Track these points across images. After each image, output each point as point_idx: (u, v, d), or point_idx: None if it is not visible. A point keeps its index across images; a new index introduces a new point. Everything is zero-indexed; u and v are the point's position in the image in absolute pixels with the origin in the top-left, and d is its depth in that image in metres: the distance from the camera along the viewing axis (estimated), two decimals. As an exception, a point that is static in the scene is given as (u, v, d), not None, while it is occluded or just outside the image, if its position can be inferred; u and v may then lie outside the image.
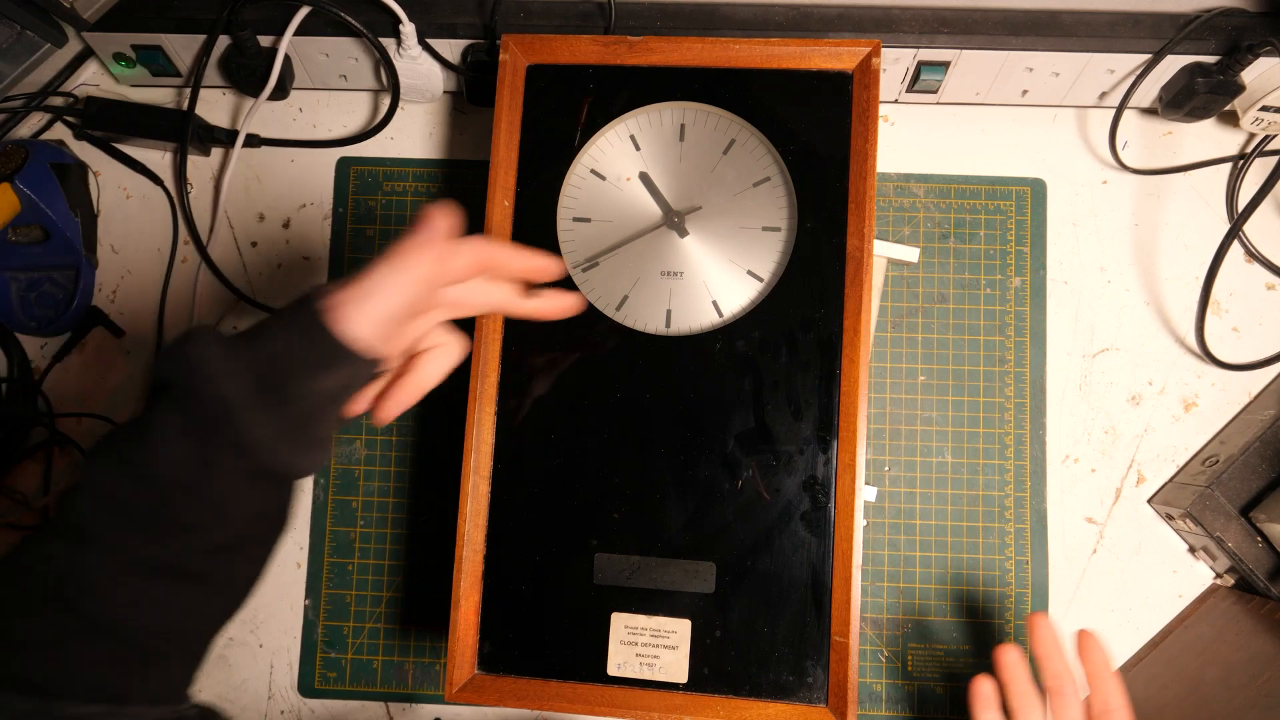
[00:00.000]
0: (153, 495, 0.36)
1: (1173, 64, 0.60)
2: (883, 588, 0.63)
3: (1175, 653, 0.60)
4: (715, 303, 0.56)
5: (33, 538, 0.38)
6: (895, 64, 0.62)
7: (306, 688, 0.64)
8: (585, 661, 0.52)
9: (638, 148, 0.57)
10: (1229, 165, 0.65)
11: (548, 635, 0.53)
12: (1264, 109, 0.60)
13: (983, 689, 0.50)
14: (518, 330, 0.55)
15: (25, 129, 0.69)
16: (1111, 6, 0.60)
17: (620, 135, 0.57)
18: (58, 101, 0.69)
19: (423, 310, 0.41)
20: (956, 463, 0.63)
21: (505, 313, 0.46)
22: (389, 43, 0.61)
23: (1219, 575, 0.63)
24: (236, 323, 0.67)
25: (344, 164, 0.68)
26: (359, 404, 0.43)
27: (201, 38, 0.62)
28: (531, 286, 0.45)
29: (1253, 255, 0.64)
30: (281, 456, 0.38)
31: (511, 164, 0.56)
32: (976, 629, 0.62)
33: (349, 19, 0.59)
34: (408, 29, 0.60)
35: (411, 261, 0.39)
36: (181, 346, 0.37)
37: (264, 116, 0.68)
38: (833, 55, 0.55)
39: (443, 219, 0.40)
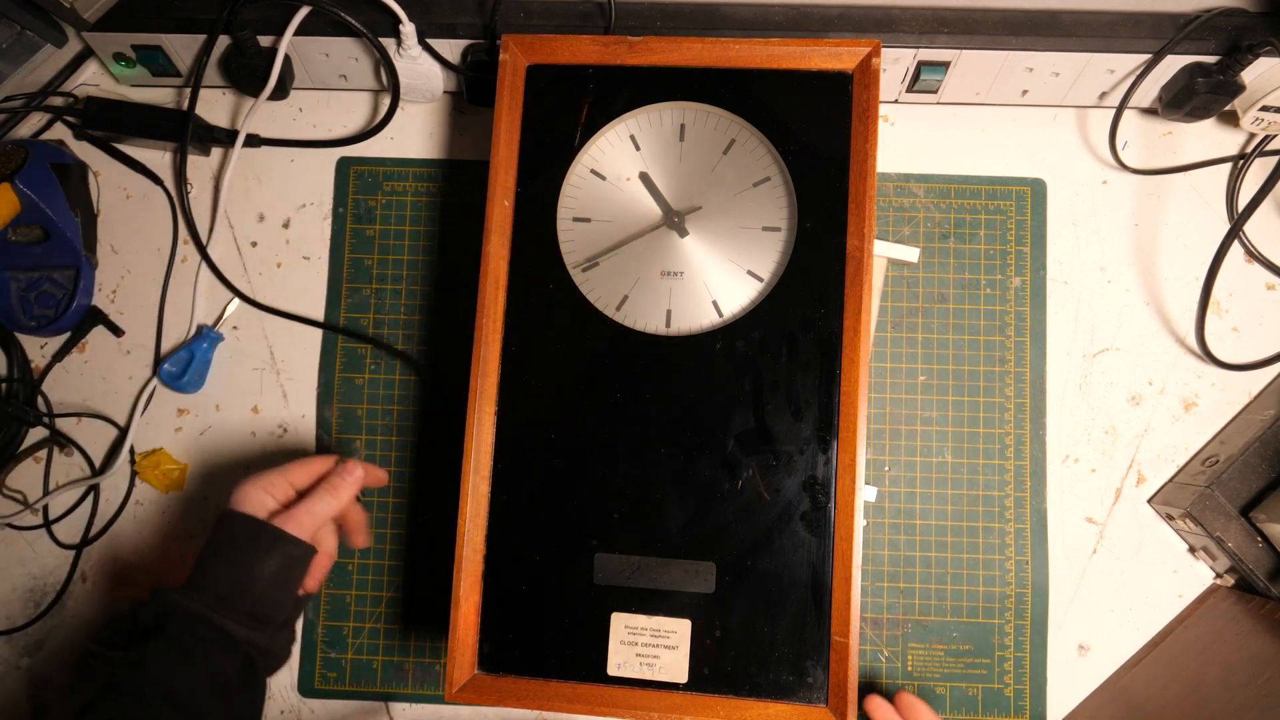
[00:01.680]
0: (147, 714, 0.44)
1: (1173, 64, 0.60)
2: (883, 588, 0.63)
3: (1175, 653, 0.60)
4: (715, 303, 0.56)
5: None
6: (895, 64, 0.62)
7: (306, 688, 0.64)
8: (585, 661, 0.52)
9: (638, 148, 0.57)
10: (1229, 165, 0.65)
11: (548, 635, 0.53)
12: (1264, 109, 0.60)
13: None
14: (518, 330, 0.55)
15: (25, 129, 0.69)
16: (1111, 6, 0.60)
17: (620, 135, 0.57)
18: (58, 101, 0.69)
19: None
20: (956, 463, 0.63)
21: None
22: (389, 43, 0.61)
23: (1219, 575, 0.63)
24: (236, 323, 0.67)
25: (344, 164, 0.68)
26: (310, 583, 0.54)
27: (201, 38, 0.62)
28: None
29: (1253, 255, 0.65)
30: (257, 640, 0.48)
31: (511, 164, 0.56)
32: (976, 629, 0.62)
33: (349, 19, 0.59)
34: (408, 29, 0.60)
35: (341, 493, 0.53)
36: (153, 600, 0.48)
37: (264, 116, 0.68)
38: (833, 55, 0.55)
39: (357, 475, 0.54)
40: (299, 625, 0.62)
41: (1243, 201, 0.64)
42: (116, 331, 0.67)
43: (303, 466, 0.54)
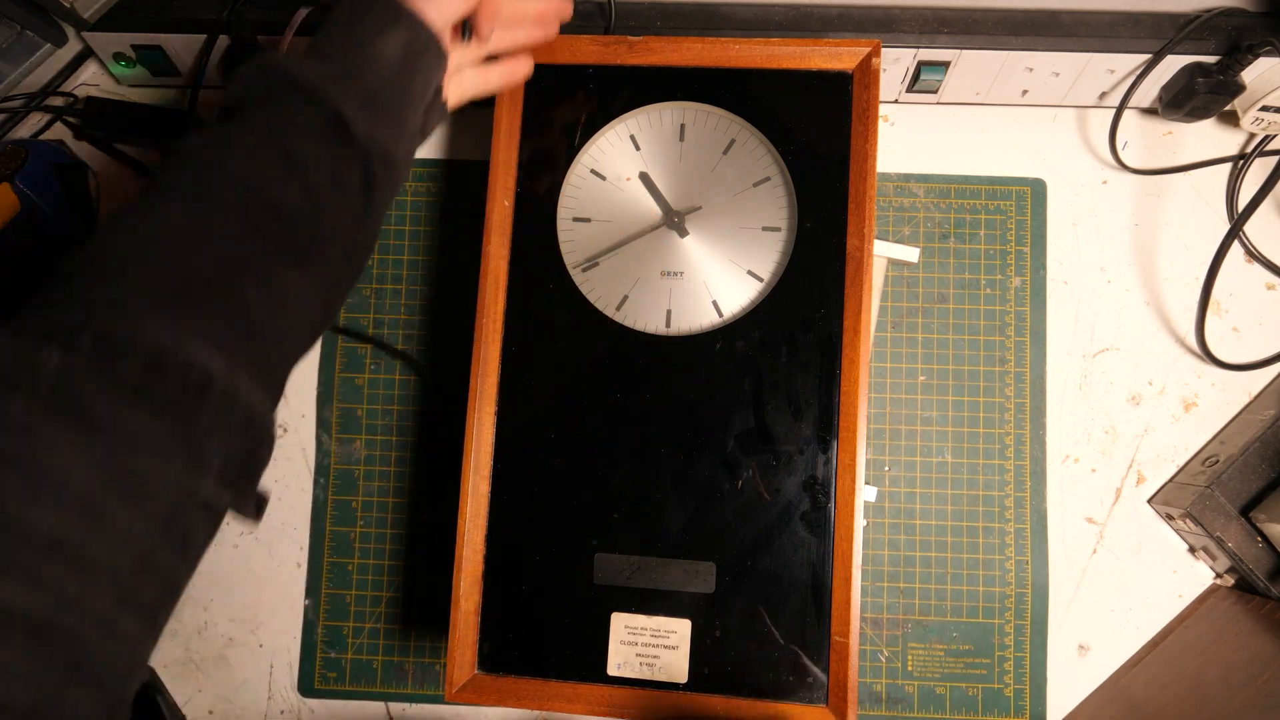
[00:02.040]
0: (264, 172, 0.37)
1: (1173, 64, 0.60)
2: (883, 588, 0.63)
3: (1175, 653, 0.60)
4: (715, 303, 0.56)
5: (148, 192, 0.37)
6: (895, 64, 0.62)
7: (306, 688, 0.64)
8: (585, 661, 0.52)
9: (638, 148, 0.57)
10: (1229, 165, 0.65)
11: (548, 635, 0.53)
12: (1264, 109, 0.60)
13: None
14: (518, 330, 0.55)
15: (25, 129, 0.69)
16: (1111, 6, 0.60)
17: (620, 135, 0.57)
18: (58, 101, 0.69)
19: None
20: (956, 463, 0.63)
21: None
22: (389, 43, 0.61)
23: (1219, 575, 0.63)
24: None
25: (344, 164, 0.68)
26: (450, 82, 0.46)
27: (201, 38, 0.62)
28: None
29: (1253, 255, 0.65)
30: (368, 127, 0.40)
31: (511, 164, 0.56)
32: (976, 629, 0.62)
33: (349, 19, 0.59)
34: (408, 29, 0.59)
35: None
36: (258, 65, 0.40)
37: (264, 116, 0.68)
38: (833, 55, 0.55)
39: None
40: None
41: (1243, 201, 0.64)
42: (116, 331, 0.67)
43: None
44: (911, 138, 0.67)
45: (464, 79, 0.50)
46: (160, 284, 0.34)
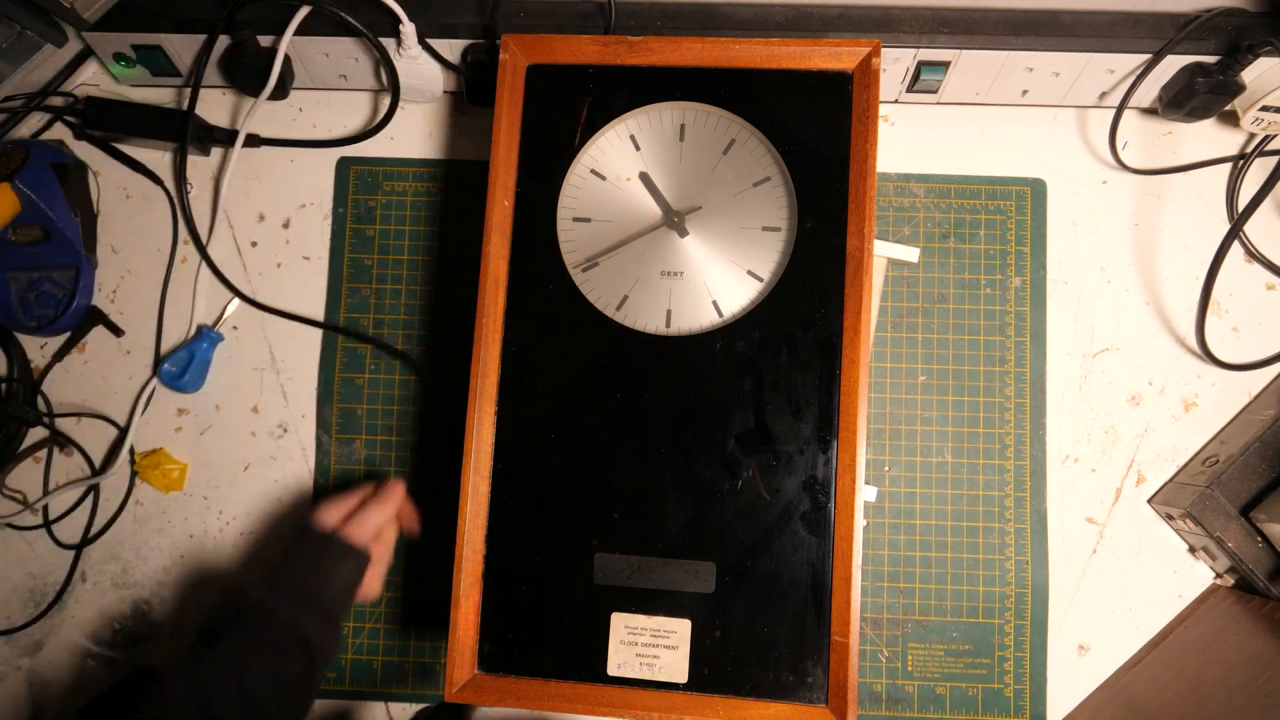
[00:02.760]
0: (220, 692, 0.48)
1: (1173, 64, 0.60)
2: (883, 588, 0.63)
3: (1175, 653, 0.60)
4: (715, 303, 0.56)
5: None
6: (895, 64, 0.62)
7: (306, 688, 0.64)
8: (585, 661, 0.52)
9: (638, 148, 0.57)
10: (1229, 165, 0.65)
11: (548, 635, 0.53)
12: (1264, 109, 0.60)
13: None
14: (518, 330, 0.55)
15: (25, 129, 0.69)
16: (1111, 6, 0.60)
17: (620, 135, 0.57)
18: (58, 101, 0.69)
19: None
20: (956, 463, 0.63)
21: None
22: (389, 43, 0.61)
23: (1219, 575, 0.63)
24: (236, 323, 0.67)
25: (344, 164, 0.68)
26: (366, 589, 0.57)
27: (201, 38, 0.62)
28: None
29: (1253, 255, 0.64)
30: (320, 636, 0.51)
31: (511, 164, 0.56)
32: (976, 629, 0.62)
33: (349, 19, 0.59)
34: (408, 29, 0.60)
35: (387, 505, 0.58)
36: (229, 592, 0.53)
37: (264, 116, 0.68)
38: (833, 55, 0.55)
39: (399, 492, 0.59)
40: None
41: (1243, 201, 0.64)
42: (116, 331, 0.67)
43: (361, 490, 0.60)
44: (911, 138, 0.67)
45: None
46: None
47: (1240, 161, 0.65)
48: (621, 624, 0.52)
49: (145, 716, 0.47)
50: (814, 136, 0.56)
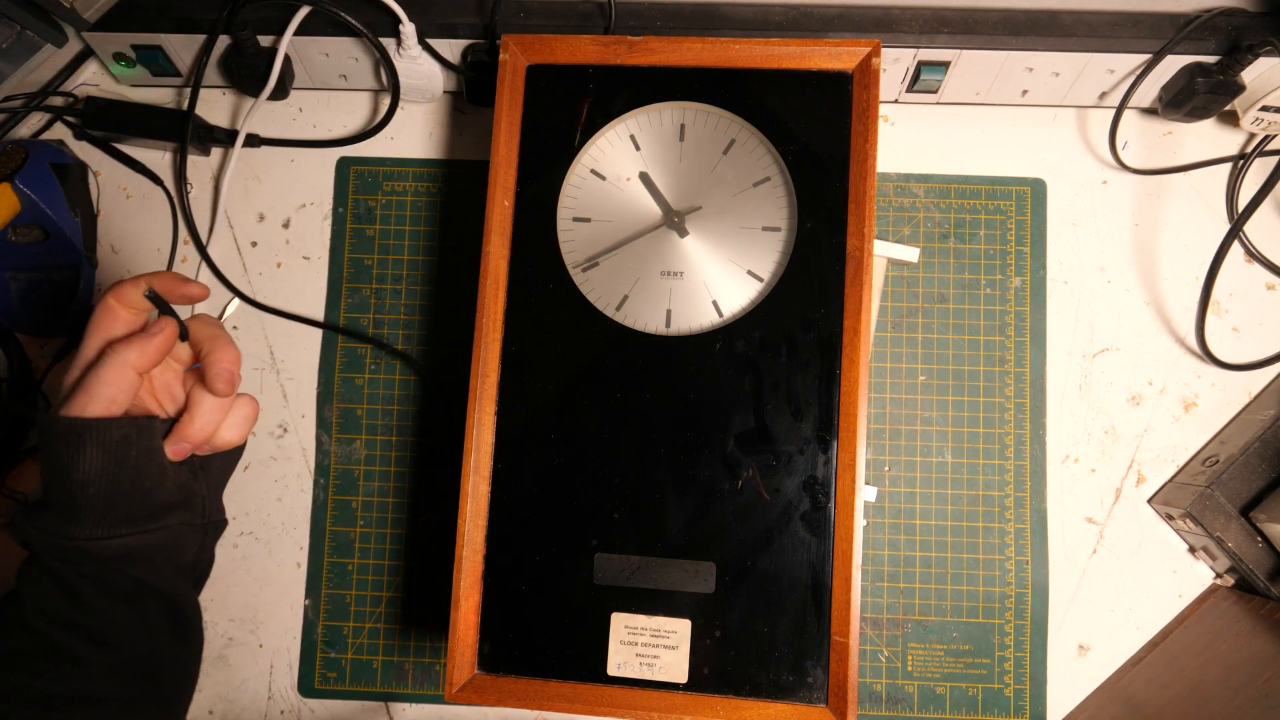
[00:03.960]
0: (36, 639, 0.41)
1: (1173, 64, 0.60)
2: (883, 588, 0.63)
3: (1175, 653, 0.60)
4: (715, 303, 0.56)
5: None
6: (895, 64, 0.62)
7: (306, 688, 0.64)
8: (585, 661, 0.52)
9: (638, 148, 0.57)
10: (1229, 165, 0.65)
11: (548, 635, 0.53)
12: (1264, 109, 0.60)
13: None
14: (518, 330, 0.55)
15: (25, 129, 0.69)
16: (1111, 6, 0.60)
17: (620, 135, 0.57)
18: (58, 101, 0.69)
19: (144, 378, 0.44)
20: (956, 463, 0.63)
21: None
22: (389, 43, 0.61)
23: (1219, 575, 0.63)
24: (236, 323, 0.67)
25: (344, 164, 0.68)
26: (174, 448, 0.45)
27: (201, 38, 0.62)
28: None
29: (1253, 255, 0.65)
30: (117, 547, 0.42)
31: (511, 164, 0.56)
32: (976, 629, 0.62)
33: (349, 19, 0.59)
34: (408, 29, 0.60)
35: (117, 350, 0.42)
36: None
37: (264, 116, 0.68)
38: (833, 55, 0.55)
39: (114, 296, 0.43)
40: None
41: (1243, 201, 0.64)
42: (116, 331, 0.67)
43: (95, 318, 0.43)
44: (911, 138, 0.67)
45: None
46: None
47: (1240, 161, 0.65)
48: (621, 624, 0.52)
49: None
50: (814, 136, 0.56)
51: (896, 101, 0.66)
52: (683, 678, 0.52)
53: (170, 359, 0.46)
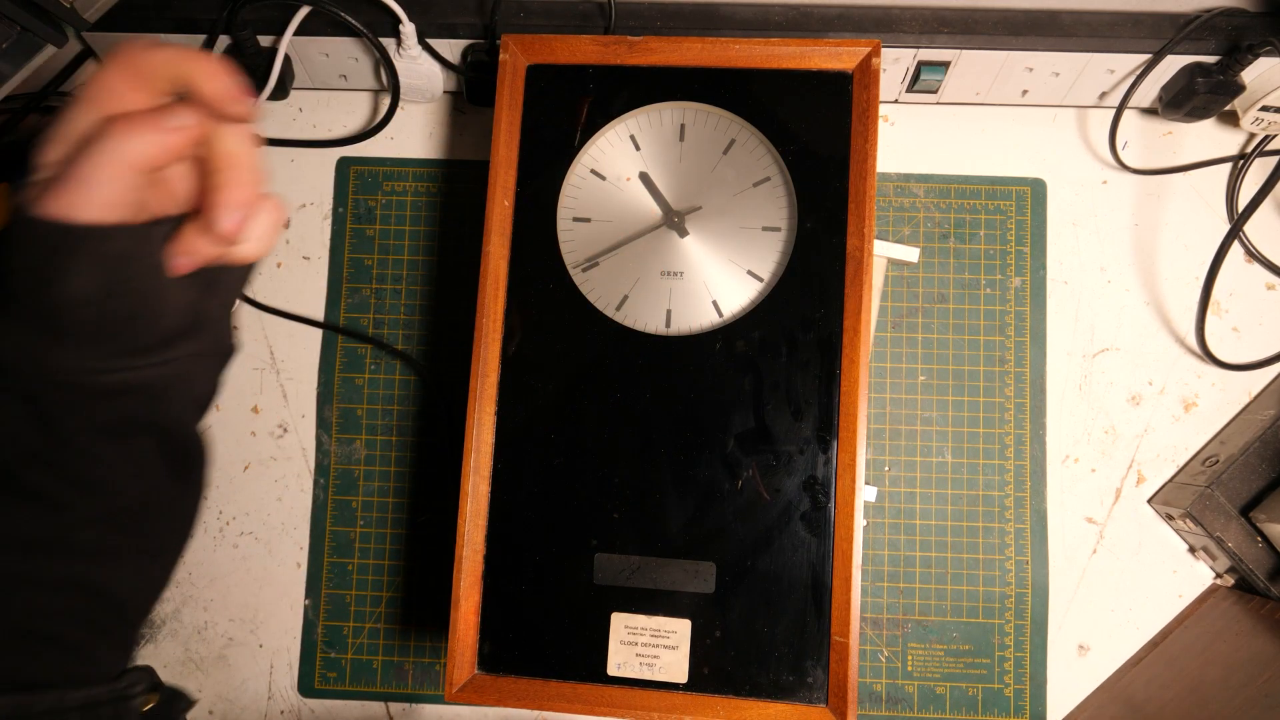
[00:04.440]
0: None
1: (1173, 64, 0.60)
2: (883, 588, 0.63)
3: (1175, 653, 0.60)
4: (715, 303, 0.56)
5: None
6: (895, 64, 0.61)
7: (306, 688, 0.64)
8: (585, 661, 0.52)
9: (638, 148, 0.57)
10: (1229, 165, 0.65)
11: (548, 635, 0.53)
12: (1264, 109, 0.60)
13: None
14: (518, 330, 0.55)
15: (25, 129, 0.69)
16: (1111, 6, 0.60)
17: (620, 135, 0.57)
18: (58, 102, 0.69)
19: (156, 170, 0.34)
20: (956, 463, 0.63)
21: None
22: (389, 43, 0.61)
23: (1219, 575, 0.63)
24: (236, 323, 0.67)
25: (344, 164, 0.68)
26: (182, 260, 0.35)
27: (201, 38, 0.62)
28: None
29: (1253, 255, 0.64)
30: (115, 377, 0.34)
31: (511, 164, 0.56)
32: (976, 629, 0.62)
33: (349, 19, 0.59)
34: (408, 29, 0.60)
35: (121, 133, 0.31)
36: None
37: (264, 116, 0.68)
38: (833, 55, 0.55)
39: (133, 64, 0.33)
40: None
41: (1243, 201, 0.64)
42: (116, 331, 0.67)
43: (96, 83, 0.33)
44: (911, 138, 0.67)
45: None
46: None
47: (1240, 161, 0.65)
48: (621, 624, 0.52)
49: None
50: (814, 136, 0.56)
51: (896, 101, 0.66)
52: (683, 678, 0.52)
53: None
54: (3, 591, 0.34)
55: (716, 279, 0.56)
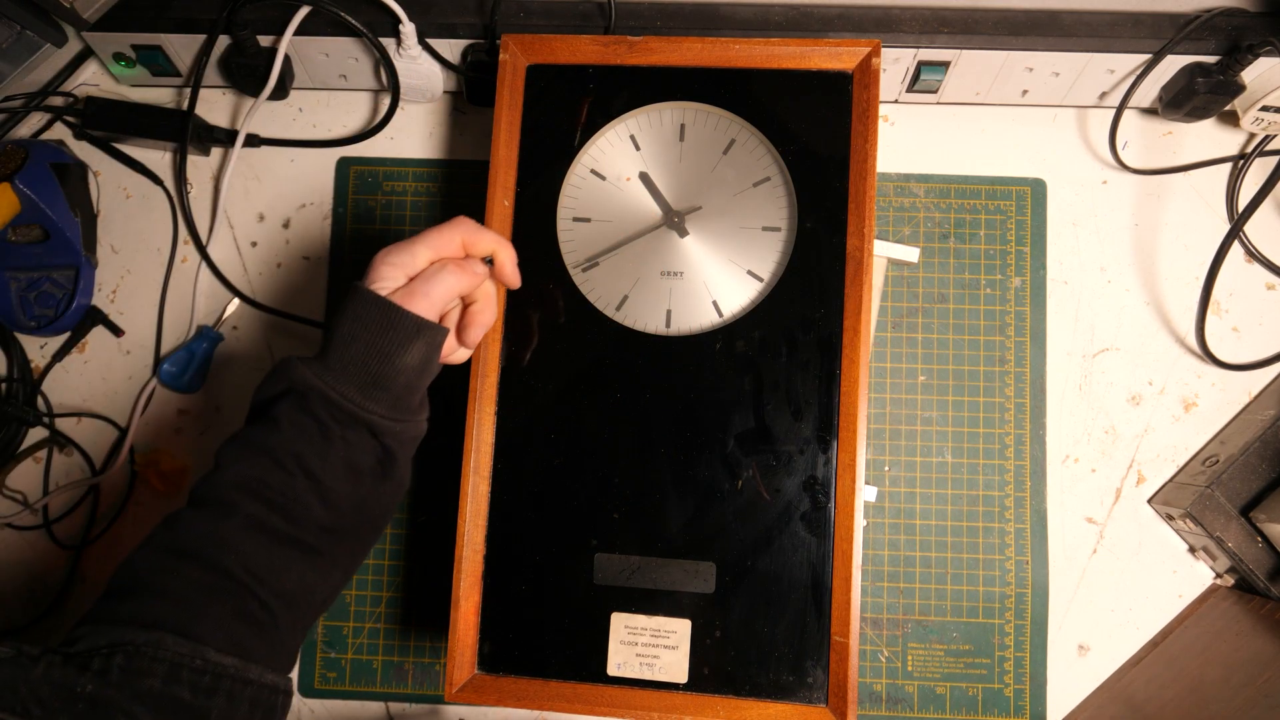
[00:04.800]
0: (283, 475, 0.44)
1: (1173, 64, 0.60)
2: (883, 588, 0.63)
3: (1175, 653, 0.60)
4: (715, 303, 0.56)
5: (172, 516, 0.44)
6: (895, 64, 0.62)
7: (306, 688, 0.64)
8: (585, 661, 0.52)
9: (638, 148, 0.57)
10: (1229, 165, 0.65)
11: (548, 635, 0.53)
12: (1264, 109, 0.60)
13: None
14: (518, 330, 0.55)
15: (25, 129, 0.69)
16: (1111, 6, 0.60)
17: (620, 135, 0.57)
18: (58, 101, 0.69)
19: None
20: (956, 463, 0.63)
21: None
22: (389, 43, 0.61)
23: (1219, 575, 0.63)
24: (236, 323, 0.67)
25: (344, 164, 0.68)
26: (442, 358, 0.49)
27: (201, 38, 0.62)
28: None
29: (1253, 255, 0.65)
30: (390, 425, 0.46)
31: (511, 164, 0.56)
32: (976, 629, 0.62)
33: (349, 19, 0.59)
34: (408, 29, 0.60)
35: (454, 272, 0.47)
36: (282, 371, 0.45)
37: (264, 116, 0.68)
38: (833, 55, 0.55)
39: (465, 233, 0.49)
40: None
41: (1243, 201, 0.64)
42: (116, 331, 0.67)
43: (438, 236, 0.48)
44: (911, 138, 0.67)
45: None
46: (187, 595, 0.41)
47: (1240, 161, 0.65)
48: (621, 624, 0.52)
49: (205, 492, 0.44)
50: (814, 136, 0.56)
51: (896, 101, 0.66)
52: (683, 678, 0.52)
53: None
54: (250, 576, 0.42)
55: (716, 279, 0.56)
